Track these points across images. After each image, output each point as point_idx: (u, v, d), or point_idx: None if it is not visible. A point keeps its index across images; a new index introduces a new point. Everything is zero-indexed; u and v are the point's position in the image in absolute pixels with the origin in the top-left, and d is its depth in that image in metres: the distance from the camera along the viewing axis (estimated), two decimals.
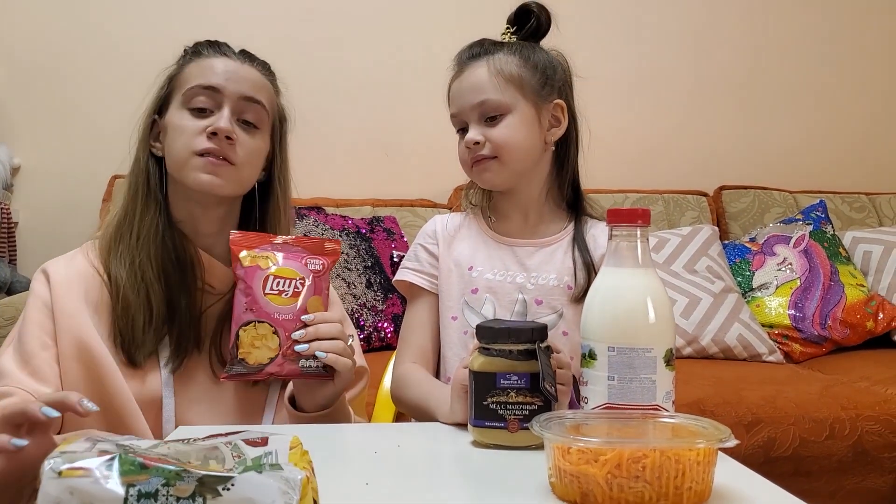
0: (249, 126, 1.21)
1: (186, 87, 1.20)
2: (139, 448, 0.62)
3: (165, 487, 0.58)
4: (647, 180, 2.99)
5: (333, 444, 0.97)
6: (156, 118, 1.24)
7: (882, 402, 1.92)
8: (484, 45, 1.28)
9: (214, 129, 1.16)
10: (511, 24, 1.30)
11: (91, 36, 2.78)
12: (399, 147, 2.93)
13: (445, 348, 1.29)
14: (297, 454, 0.68)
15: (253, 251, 1.09)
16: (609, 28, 3.04)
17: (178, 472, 0.58)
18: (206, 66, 1.22)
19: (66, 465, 0.57)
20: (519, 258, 1.29)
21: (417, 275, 1.33)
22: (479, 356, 0.96)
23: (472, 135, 1.23)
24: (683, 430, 0.80)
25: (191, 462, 0.61)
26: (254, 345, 1.04)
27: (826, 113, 3.22)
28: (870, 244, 2.73)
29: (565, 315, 1.25)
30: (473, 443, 0.96)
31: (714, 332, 2.38)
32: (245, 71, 1.23)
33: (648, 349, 0.88)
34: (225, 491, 0.58)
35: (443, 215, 1.40)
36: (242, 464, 0.62)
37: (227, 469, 0.61)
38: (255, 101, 1.21)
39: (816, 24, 3.20)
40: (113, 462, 0.58)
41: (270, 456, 0.65)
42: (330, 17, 2.90)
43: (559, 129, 1.28)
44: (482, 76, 1.24)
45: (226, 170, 1.17)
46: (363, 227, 2.52)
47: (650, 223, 0.95)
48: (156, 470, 0.58)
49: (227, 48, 1.26)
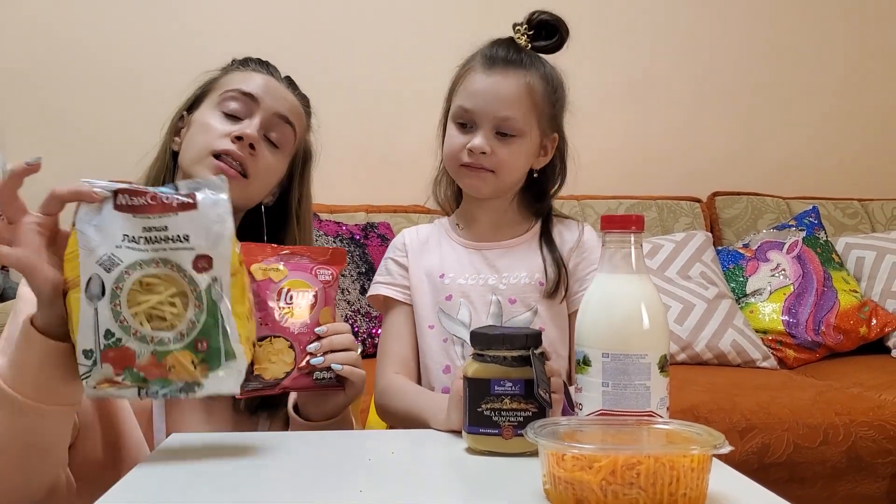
0: (272, 145, 1.22)
1: (224, 89, 1.21)
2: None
3: (162, 388, 0.86)
4: (641, 186, 2.99)
5: (327, 452, 0.97)
6: (184, 114, 1.25)
7: (875, 407, 1.93)
8: (520, 55, 1.25)
9: (241, 134, 1.16)
10: (527, 28, 1.28)
11: (84, 42, 2.78)
12: (393, 153, 2.93)
13: (426, 357, 1.29)
14: (238, 287, 0.88)
15: (262, 263, 1.07)
16: (603, 34, 3.04)
17: (166, 380, 0.86)
18: (249, 76, 1.24)
19: (95, 383, 0.84)
20: (489, 260, 1.31)
21: (390, 287, 1.33)
22: (473, 362, 0.95)
23: (480, 143, 1.22)
24: (678, 437, 0.79)
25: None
26: (270, 360, 1.02)
27: (818, 119, 3.23)
28: (862, 250, 2.74)
29: (540, 312, 1.27)
30: (468, 449, 0.95)
31: (708, 339, 2.38)
32: (285, 92, 1.25)
33: (643, 355, 0.88)
34: (198, 387, 0.87)
35: (410, 228, 1.41)
36: (199, 298, 0.86)
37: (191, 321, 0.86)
38: (286, 121, 1.22)
39: (809, 31, 3.21)
40: (124, 375, 0.84)
41: (216, 283, 0.86)
42: (324, 24, 2.91)
43: (544, 159, 1.31)
44: (515, 92, 1.23)
45: (236, 181, 1.15)
46: (357, 234, 2.52)
47: (644, 229, 0.95)
48: (153, 382, 0.85)
49: (274, 69, 1.28)
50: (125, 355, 0.84)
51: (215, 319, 0.87)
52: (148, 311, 0.85)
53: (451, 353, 1.27)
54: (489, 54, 1.26)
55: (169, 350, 0.85)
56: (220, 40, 2.78)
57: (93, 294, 0.84)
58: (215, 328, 0.87)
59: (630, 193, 2.93)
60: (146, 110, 1.31)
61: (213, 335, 0.87)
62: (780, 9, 3.19)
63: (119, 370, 0.84)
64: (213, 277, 0.87)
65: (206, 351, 0.86)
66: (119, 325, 0.84)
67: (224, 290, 0.87)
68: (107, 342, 0.84)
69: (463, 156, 1.25)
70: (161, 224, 0.86)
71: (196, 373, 0.86)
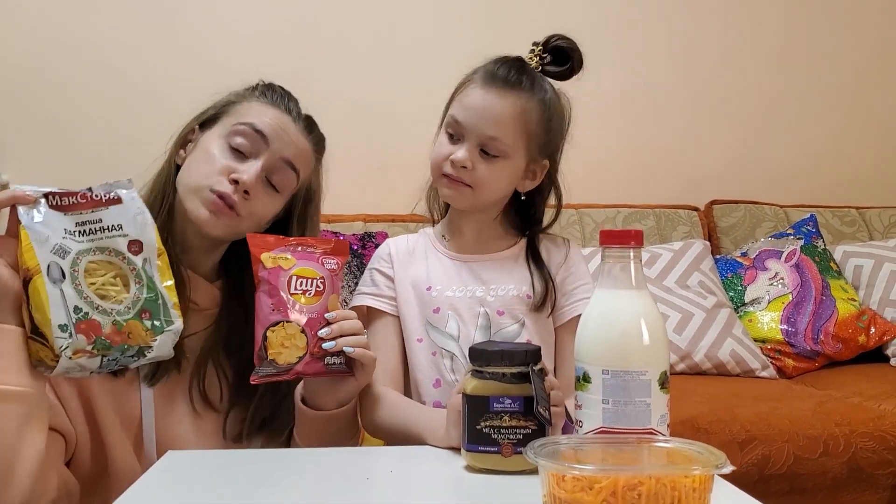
0: (272, 188, 1.20)
1: (238, 120, 1.19)
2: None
3: (121, 355, 0.98)
4: (639, 195, 2.99)
5: (325, 470, 0.96)
6: (196, 127, 1.24)
7: (876, 418, 1.92)
8: (522, 76, 1.24)
9: (237, 178, 1.15)
10: (542, 50, 1.28)
11: (80, 52, 2.77)
12: (391, 162, 2.92)
13: (415, 371, 1.28)
14: (164, 267, 1.03)
15: (272, 252, 1.10)
16: (601, 43, 3.03)
17: (127, 346, 0.98)
18: (264, 111, 1.21)
19: (72, 352, 0.94)
20: (475, 273, 1.30)
21: (376, 299, 1.32)
22: (472, 379, 0.95)
23: (461, 157, 1.22)
24: (679, 456, 0.79)
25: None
26: (283, 345, 1.06)
27: (816, 128, 3.23)
28: (860, 258, 2.73)
29: (527, 324, 1.27)
30: (467, 467, 0.95)
31: (707, 348, 2.37)
32: (297, 136, 1.22)
33: (643, 372, 0.88)
34: (148, 351, 0.99)
35: (395, 238, 1.41)
36: (138, 276, 1.01)
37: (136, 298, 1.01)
38: (291, 167, 1.21)
39: (807, 39, 3.21)
40: (95, 344, 0.95)
41: (146, 264, 1.02)
42: (323, 35, 2.90)
43: (532, 183, 1.31)
44: (507, 114, 1.22)
45: (227, 217, 1.16)
46: (355, 243, 2.51)
47: (643, 244, 0.95)
48: (116, 348, 0.97)
49: (294, 105, 1.25)
50: (93, 326, 0.96)
51: (152, 291, 1.01)
52: (98, 291, 0.98)
53: (440, 366, 1.26)
54: (491, 71, 1.25)
55: (123, 321, 0.98)
56: (222, 50, 2.79)
57: (55, 278, 0.95)
58: (154, 299, 1.01)
59: (628, 202, 2.93)
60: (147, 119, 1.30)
61: (154, 305, 1.01)
62: (778, 18, 3.19)
63: (91, 339, 0.95)
64: (145, 258, 1.02)
65: (150, 319, 1.00)
66: (84, 301, 0.96)
67: (154, 269, 1.02)
68: (77, 316, 0.95)
69: (446, 166, 1.25)
70: (95, 217, 1.00)
71: (146, 337, 0.99)
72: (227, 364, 1.22)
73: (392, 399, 1.23)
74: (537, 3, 2.85)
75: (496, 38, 1.32)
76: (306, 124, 1.25)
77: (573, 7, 2.97)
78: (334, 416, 1.12)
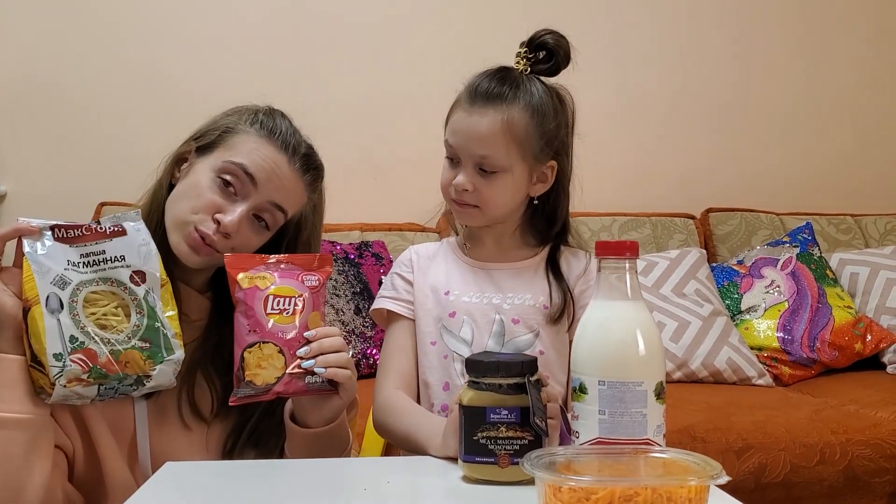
0: (261, 223, 1.19)
1: (232, 157, 1.16)
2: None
3: (119, 384, 1.01)
4: (635, 203, 3.00)
5: (322, 481, 0.96)
6: (194, 147, 1.21)
7: (872, 426, 1.92)
8: (503, 87, 1.23)
9: (219, 220, 1.14)
10: (528, 49, 1.27)
11: (78, 63, 2.78)
12: (387, 170, 2.93)
13: (426, 374, 1.29)
14: (167, 295, 1.08)
15: (249, 272, 1.09)
16: (596, 53, 3.04)
17: (124, 375, 1.01)
18: (259, 149, 1.17)
19: (66, 381, 0.97)
20: (494, 280, 1.31)
21: (395, 302, 1.34)
22: (469, 390, 0.95)
23: (462, 181, 1.23)
24: (675, 466, 0.79)
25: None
26: (260, 366, 1.04)
27: (811, 134, 3.24)
28: (856, 266, 2.74)
29: (541, 335, 1.27)
30: (464, 478, 0.95)
31: (703, 356, 2.38)
32: (290, 179, 1.19)
33: (639, 383, 0.88)
34: (147, 380, 1.03)
35: (418, 245, 1.41)
36: (140, 306, 1.05)
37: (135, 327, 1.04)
38: (279, 209, 1.19)
39: (800, 47, 3.23)
40: (90, 373, 0.98)
41: (149, 294, 1.06)
42: (318, 42, 2.91)
43: (543, 186, 1.30)
44: (492, 130, 1.21)
45: (207, 255, 1.15)
46: (351, 253, 2.51)
47: (638, 255, 0.95)
48: (113, 377, 1.00)
49: (292, 140, 1.21)
50: (89, 354, 0.99)
51: (153, 321, 1.05)
52: (98, 321, 1.01)
53: (450, 370, 1.26)
54: (473, 88, 1.25)
55: (121, 350, 1.01)
56: (219, 60, 2.80)
57: (53, 308, 0.99)
58: (155, 329, 1.04)
59: (624, 210, 2.94)
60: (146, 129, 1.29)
61: (154, 334, 1.04)
62: (774, 26, 3.20)
63: (86, 368, 0.98)
64: (148, 288, 1.06)
65: (150, 348, 1.03)
66: (80, 331, 0.99)
67: (157, 298, 1.06)
68: (72, 345, 0.98)
69: (451, 191, 1.26)
70: (98, 249, 1.05)
71: (146, 367, 1.02)
72: (216, 376, 1.21)
73: (401, 404, 1.24)
74: (533, 11, 2.85)
75: (492, 46, 1.32)
76: (302, 163, 1.21)
77: (569, 15, 2.95)
78: (321, 433, 1.11)
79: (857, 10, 3.26)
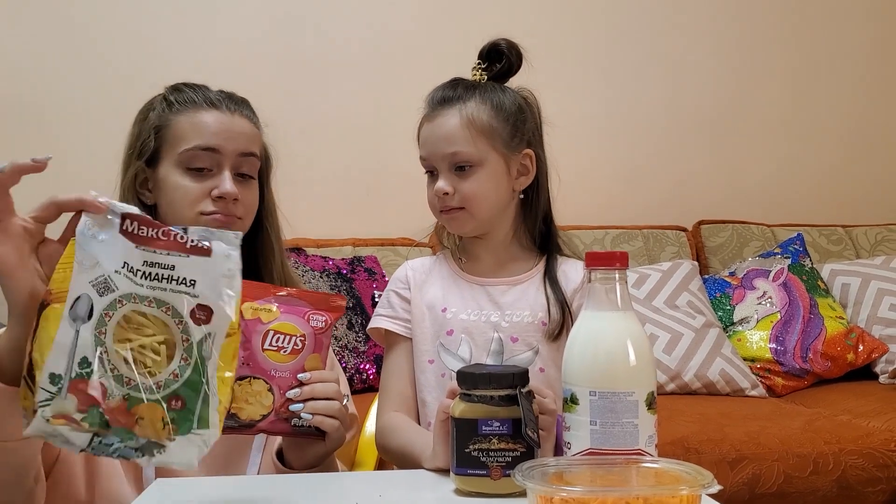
0: (246, 178, 1.22)
1: (183, 147, 1.19)
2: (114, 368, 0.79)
3: (121, 442, 0.78)
4: (627, 216, 3.01)
5: (315, 494, 0.96)
6: (143, 166, 1.21)
7: (865, 435, 1.93)
8: (457, 90, 1.27)
9: (221, 194, 1.17)
10: (482, 59, 1.30)
11: (67, 75, 2.78)
12: (379, 185, 2.93)
13: (424, 392, 1.28)
14: (229, 351, 0.83)
15: (255, 303, 1.04)
16: (586, 64, 3.07)
17: (130, 433, 0.78)
18: (199, 122, 1.20)
19: (51, 414, 0.75)
20: (492, 297, 1.29)
21: (392, 321, 1.33)
22: (461, 402, 0.95)
23: (441, 185, 1.24)
24: (666, 476, 0.79)
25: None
26: (247, 400, 1.00)
27: (802, 147, 3.26)
28: (848, 276, 2.75)
29: (541, 352, 1.26)
30: (456, 491, 0.94)
31: (696, 368, 2.38)
32: (237, 124, 1.22)
33: (630, 393, 0.88)
34: (159, 450, 0.79)
35: (413, 260, 1.40)
36: (189, 351, 0.81)
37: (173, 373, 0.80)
38: (250, 155, 1.22)
39: (792, 59, 3.25)
40: (87, 415, 0.76)
41: (211, 338, 0.82)
42: (308, 56, 2.92)
43: (527, 178, 1.30)
44: (454, 126, 1.23)
45: (232, 226, 1.17)
46: (344, 268, 2.51)
47: (628, 266, 0.95)
48: (115, 430, 0.77)
49: (210, 93, 1.24)
50: (95, 390, 0.76)
51: (199, 378, 0.81)
52: (132, 351, 0.79)
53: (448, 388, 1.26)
54: (430, 99, 1.28)
55: (142, 399, 0.78)
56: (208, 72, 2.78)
57: (78, 315, 0.77)
58: (196, 388, 0.80)
59: (615, 223, 2.94)
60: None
61: (192, 395, 0.80)
62: (765, 37, 3.23)
63: (84, 406, 0.76)
64: (209, 332, 0.82)
65: (180, 410, 0.79)
66: (98, 356, 0.77)
67: (216, 349, 0.82)
68: (80, 371, 0.76)
69: (437, 202, 1.26)
70: (168, 262, 0.82)
71: (162, 433, 0.79)
72: None
73: (397, 422, 1.25)
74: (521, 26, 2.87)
75: None
76: (231, 104, 1.24)
77: (559, 29, 3.00)
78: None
79: (848, 22, 3.29)
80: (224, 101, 1.23)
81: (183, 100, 1.23)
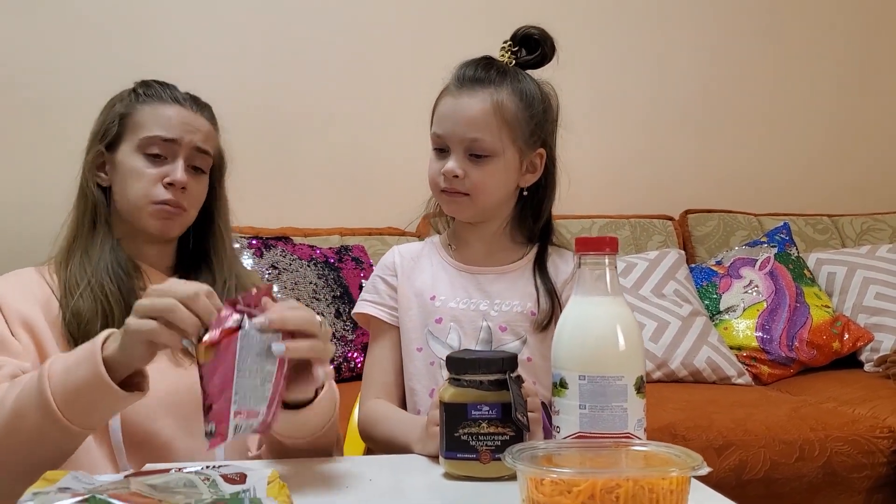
0: (198, 171, 1.31)
1: (143, 134, 1.27)
2: (118, 488, 0.67)
3: None
4: (614, 205, 3.01)
5: (304, 479, 0.96)
6: (102, 150, 1.30)
7: (850, 422, 1.94)
8: (489, 72, 1.22)
9: (172, 181, 1.25)
10: (511, 42, 1.27)
11: (46, 66, 2.75)
12: (367, 175, 2.92)
13: (412, 380, 1.28)
14: (275, 488, 0.74)
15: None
16: (574, 54, 3.06)
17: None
18: (162, 114, 1.28)
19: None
20: (481, 285, 1.29)
21: (377, 307, 1.32)
22: (450, 387, 0.95)
23: (452, 166, 1.20)
24: (656, 459, 0.79)
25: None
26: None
27: (788, 136, 3.27)
28: (833, 265, 2.77)
29: (529, 342, 1.25)
30: (446, 475, 0.95)
31: (683, 356, 2.39)
32: (198, 122, 1.30)
33: (619, 377, 0.88)
34: None
35: (402, 245, 1.39)
36: (222, 499, 0.67)
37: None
38: (205, 152, 1.30)
39: (777, 50, 3.26)
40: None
41: (248, 493, 0.71)
42: (295, 46, 2.90)
43: (533, 176, 1.29)
44: (481, 111, 1.20)
45: (179, 217, 1.27)
46: (331, 257, 2.51)
47: (618, 251, 0.95)
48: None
49: (177, 92, 1.32)
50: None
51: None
52: None
53: (437, 376, 1.25)
54: (459, 75, 1.24)
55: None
56: (197, 66, 2.77)
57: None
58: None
59: (603, 212, 2.95)
60: None
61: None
62: (751, 28, 3.23)
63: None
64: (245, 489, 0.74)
65: None
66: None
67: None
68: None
69: (440, 180, 1.23)
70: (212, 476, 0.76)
71: None
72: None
73: (382, 410, 1.24)
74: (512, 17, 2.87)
75: (473, 52, 1.31)
76: (195, 104, 1.32)
77: (546, 19, 2.99)
78: (306, 443, 1.08)
79: (832, 12, 3.30)
80: (188, 100, 1.32)
81: (150, 93, 1.31)
